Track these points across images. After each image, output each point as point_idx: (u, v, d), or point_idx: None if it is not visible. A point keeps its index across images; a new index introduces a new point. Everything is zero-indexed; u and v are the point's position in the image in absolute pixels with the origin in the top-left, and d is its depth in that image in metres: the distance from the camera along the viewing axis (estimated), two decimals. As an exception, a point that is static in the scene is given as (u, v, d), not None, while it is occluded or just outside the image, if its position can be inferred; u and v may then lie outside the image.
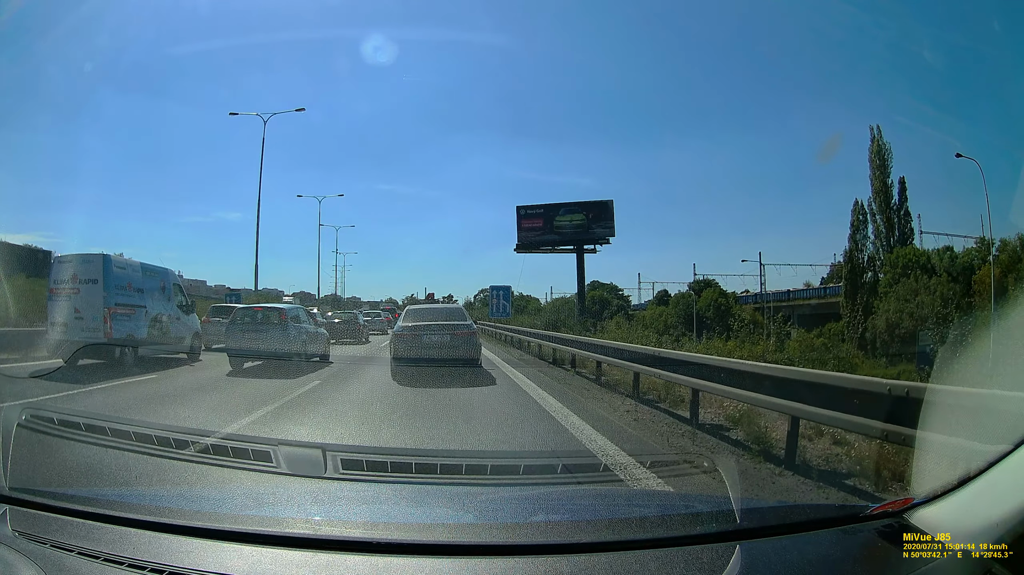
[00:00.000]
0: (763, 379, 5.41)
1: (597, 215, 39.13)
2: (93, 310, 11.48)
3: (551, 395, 8.63)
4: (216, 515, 1.72)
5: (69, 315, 11.52)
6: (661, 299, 50.53)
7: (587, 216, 39.10)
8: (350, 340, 21.60)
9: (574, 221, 39.28)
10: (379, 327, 32.30)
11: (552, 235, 39.66)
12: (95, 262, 11.80)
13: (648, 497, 3.01)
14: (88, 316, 11.47)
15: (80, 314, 11.48)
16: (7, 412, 2.41)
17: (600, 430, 5.95)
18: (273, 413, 6.80)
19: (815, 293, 44.67)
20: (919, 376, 12.91)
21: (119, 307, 11.88)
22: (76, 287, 11.62)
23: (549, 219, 39.71)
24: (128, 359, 11.69)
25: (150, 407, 7.27)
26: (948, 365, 8.11)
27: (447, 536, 1.65)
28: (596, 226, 39.01)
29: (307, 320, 14.26)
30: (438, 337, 11.08)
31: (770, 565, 1.43)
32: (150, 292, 13.04)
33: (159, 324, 13.19)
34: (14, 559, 1.41)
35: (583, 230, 39.09)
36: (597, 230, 39.02)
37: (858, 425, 4.12)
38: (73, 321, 11.48)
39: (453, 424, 6.31)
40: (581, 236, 39.10)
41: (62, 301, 11.65)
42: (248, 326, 12.85)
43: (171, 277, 14.52)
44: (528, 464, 3.34)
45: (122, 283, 12.19)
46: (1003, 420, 2.50)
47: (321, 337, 14.43)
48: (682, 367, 7.20)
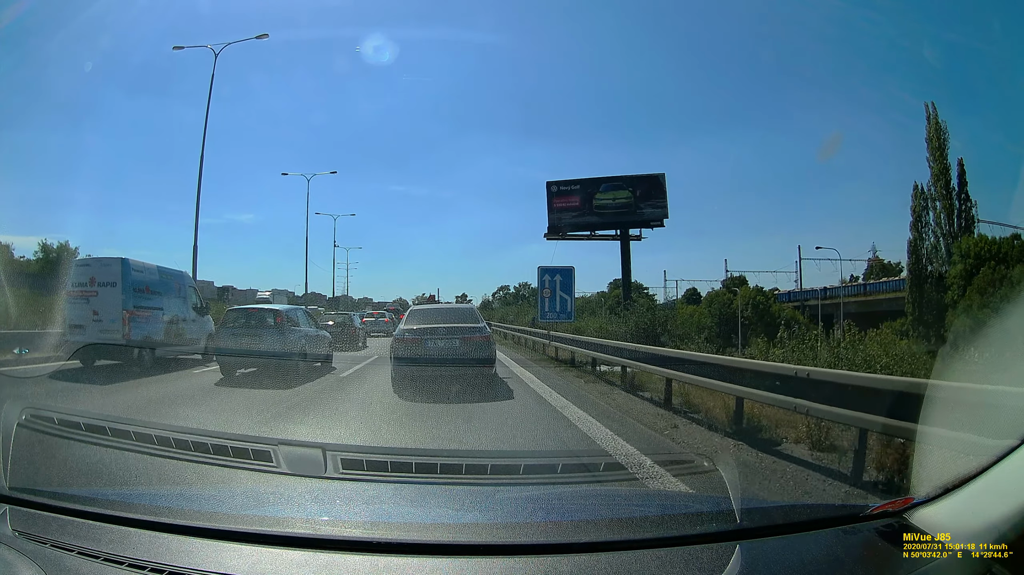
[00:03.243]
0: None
1: (646, 192, 31.95)
2: (111, 312, 11.68)
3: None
4: (216, 515, 1.72)
5: (87, 317, 11.73)
6: (690, 298, 47.28)
7: (633, 193, 31.96)
8: (344, 346, 19.12)
9: (618, 199, 32.07)
10: (381, 330, 29.33)
11: (591, 216, 32.27)
12: (113, 265, 12.04)
13: (648, 497, 3.01)
14: (106, 318, 11.67)
15: (98, 316, 11.68)
16: (7, 412, 2.41)
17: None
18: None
19: (855, 290, 41.28)
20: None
21: (137, 309, 12.10)
22: (94, 290, 11.81)
23: (587, 197, 32.36)
24: (146, 360, 11.89)
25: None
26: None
27: (447, 536, 1.65)
28: (645, 205, 31.80)
29: (307, 322, 13.09)
30: (445, 342, 9.45)
31: (770, 565, 1.43)
32: (166, 294, 13.29)
33: (175, 326, 13.45)
34: (14, 559, 1.42)
35: (629, 210, 31.86)
36: (646, 210, 31.77)
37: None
38: (91, 323, 11.68)
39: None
40: (626, 217, 31.97)
41: (80, 303, 11.85)
42: (240, 330, 11.65)
43: (186, 279, 14.83)
44: (528, 464, 3.33)
45: (140, 286, 12.41)
46: (1005, 417, 2.49)
47: (323, 340, 13.36)
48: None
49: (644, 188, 32.19)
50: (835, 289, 42.71)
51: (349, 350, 18.75)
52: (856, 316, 34.46)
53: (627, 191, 32.20)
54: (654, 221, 32.02)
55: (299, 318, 12.68)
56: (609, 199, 32.22)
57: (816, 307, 39.15)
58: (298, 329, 11.99)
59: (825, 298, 41.39)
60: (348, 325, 21.83)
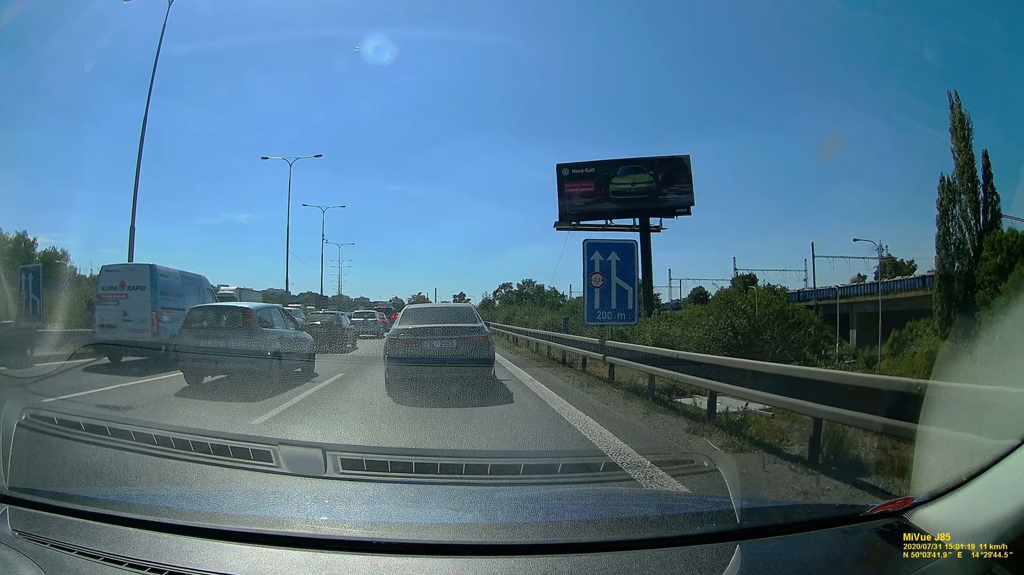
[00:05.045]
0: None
1: (669, 175, 28.51)
2: (141, 313, 12.99)
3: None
4: (216, 515, 1.73)
5: (118, 317, 13.08)
6: (697, 297, 44.41)
7: (655, 177, 28.62)
8: (330, 348, 17.82)
9: (638, 183, 28.71)
10: (372, 331, 27.36)
11: (608, 203, 29.02)
12: (142, 271, 13.66)
13: (648, 497, 3.01)
14: (136, 319, 12.98)
15: (128, 316, 13.02)
16: (7, 412, 2.41)
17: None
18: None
19: (869, 289, 39.26)
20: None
21: (163, 310, 13.21)
22: (124, 292, 13.21)
23: (603, 181, 28.96)
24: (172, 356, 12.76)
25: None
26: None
27: (447, 536, 1.65)
28: (668, 190, 28.36)
29: (282, 322, 11.39)
30: (441, 343, 9.12)
31: (770, 565, 1.43)
32: (188, 296, 14.40)
33: None
34: (14, 559, 1.41)
35: (650, 196, 28.62)
36: (670, 195, 28.37)
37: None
38: (122, 323, 13.02)
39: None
40: (647, 204, 28.75)
41: (111, 305, 13.24)
42: (205, 331, 10.18)
43: (205, 282, 16.10)
44: (528, 464, 3.33)
45: (166, 289, 13.70)
46: (1005, 417, 2.49)
47: (303, 343, 11.77)
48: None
49: (667, 171, 28.60)
50: (848, 288, 41.57)
51: (336, 352, 17.66)
52: (873, 316, 33.45)
53: (648, 175, 28.66)
54: (679, 208, 28.25)
55: (273, 318, 11.17)
56: (627, 183, 28.79)
57: (826, 306, 37.83)
58: (272, 330, 10.50)
59: (839, 297, 40.26)
60: (335, 325, 20.49)
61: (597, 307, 11.52)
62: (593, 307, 11.56)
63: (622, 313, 11.58)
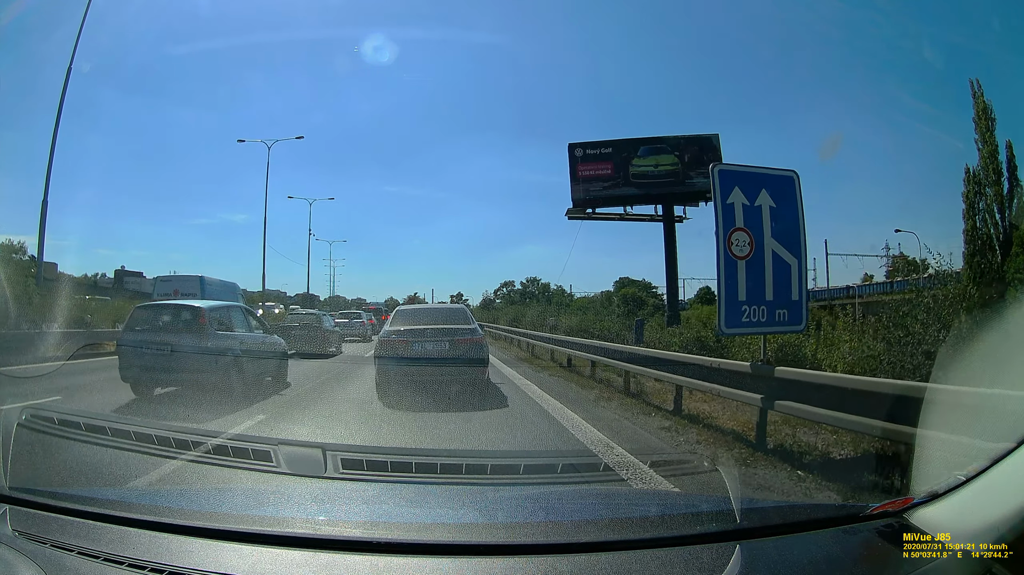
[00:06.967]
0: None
1: (696, 156, 24.81)
2: None
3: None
4: (216, 515, 1.72)
5: None
6: (703, 297, 43.45)
7: (680, 158, 25.24)
8: (311, 353, 16.23)
9: (661, 166, 25.31)
10: (358, 333, 25.13)
11: (628, 187, 25.44)
12: (193, 281, 17.16)
13: (648, 497, 3.01)
14: None
15: None
16: (7, 412, 2.41)
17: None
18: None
19: (884, 288, 37.27)
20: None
21: None
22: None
23: (622, 163, 25.42)
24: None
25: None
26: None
27: (447, 536, 1.65)
28: (695, 173, 24.67)
29: (245, 324, 10.02)
30: (434, 345, 8.91)
31: (770, 565, 1.43)
32: (226, 301, 16.39)
33: None
34: (14, 559, 1.41)
35: (676, 179, 25.10)
36: (697, 179, 24.40)
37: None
38: None
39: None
40: (672, 188, 25.17)
41: None
42: (150, 334, 8.50)
43: (237, 288, 19.62)
44: (528, 464, 3.33)
45: (212, 295, 15.80)
46: (1004, 420, 2.49)
47: (272, 348, 10.35)
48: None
49: (694, 151, 25.13)
50: (860, 287, 40.38)
51: (318, 358, 15.83)
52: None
53: (672, 155, 25.28)
54: (709, 193, 23.37)
55: (233, 319, 9.74)
56: (650, 166, 25.36)
57: (839, 306, 37.86)
58: (231, 333, 9.15)
59: (858, 296, 38.48)
60: (315, 327, 18.33)
61: (743, 299, 5.97)
62: (736, 300, 5.96)
63: (782, 309, 6.12)
